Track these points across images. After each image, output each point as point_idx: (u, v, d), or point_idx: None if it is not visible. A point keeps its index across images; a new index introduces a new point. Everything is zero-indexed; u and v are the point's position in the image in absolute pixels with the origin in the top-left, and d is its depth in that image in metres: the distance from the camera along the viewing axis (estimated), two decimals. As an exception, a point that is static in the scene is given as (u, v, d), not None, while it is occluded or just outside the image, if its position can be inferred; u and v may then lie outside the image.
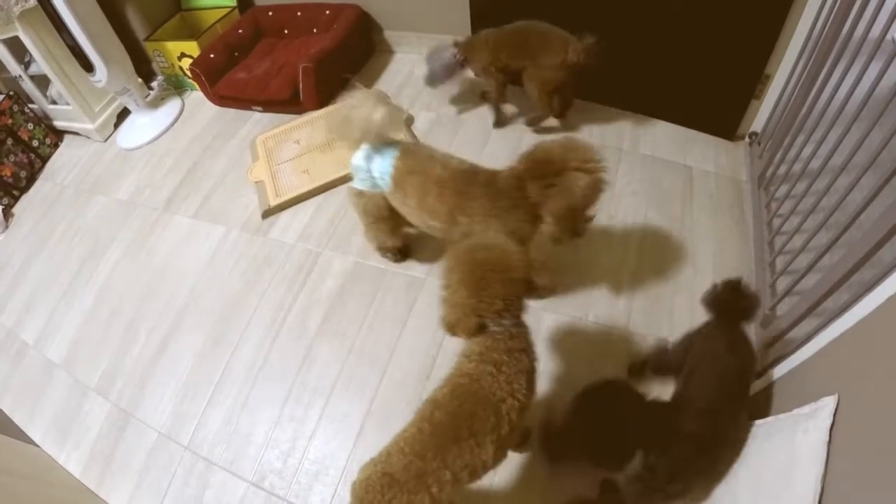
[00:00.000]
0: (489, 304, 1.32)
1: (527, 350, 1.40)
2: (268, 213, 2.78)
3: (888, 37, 1.41)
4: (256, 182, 2.94)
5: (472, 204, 1.67)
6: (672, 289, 2.14)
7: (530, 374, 1.39)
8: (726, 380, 1.42)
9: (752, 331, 1.88)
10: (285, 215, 2.76)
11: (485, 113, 2.96)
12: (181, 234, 2.89)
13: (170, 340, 2.46)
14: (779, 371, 1.45)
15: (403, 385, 2.09)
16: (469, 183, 1.69)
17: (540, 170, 1.60)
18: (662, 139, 2.64)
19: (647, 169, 2.54)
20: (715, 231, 2.27)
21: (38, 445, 2.33)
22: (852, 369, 1.08)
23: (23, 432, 2.38)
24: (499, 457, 1.35)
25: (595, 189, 1.59)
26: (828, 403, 1.07)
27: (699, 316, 1.98)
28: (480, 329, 1.36)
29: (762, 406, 1.53)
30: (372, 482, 1.26)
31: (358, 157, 1.85)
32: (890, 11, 1.39)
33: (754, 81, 2.34)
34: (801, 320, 1.52)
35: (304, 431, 2.06)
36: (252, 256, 2.64)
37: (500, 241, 1.41)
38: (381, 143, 1.82)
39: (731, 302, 1.53)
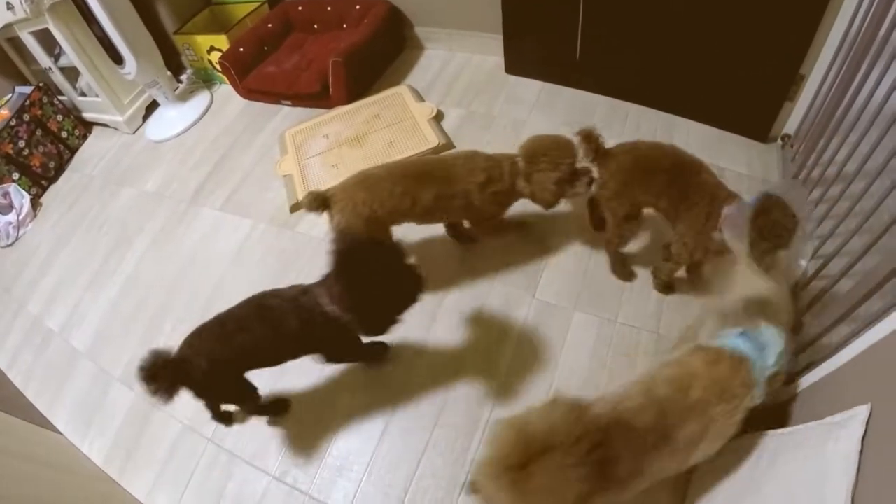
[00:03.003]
0: None
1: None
2: (296, 207, 2.76)
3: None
4: (285, 176, 2.92)
5: None
6: (703, 291, 2.09)
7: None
8: None
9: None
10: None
11: (514, 113, 2.94)
12: (208, 226, 2.89)
13: (195, 332, 2.44)
14: (810, 378, 1.40)
15: (430, 382, 2.06)
16: None
17: None
18: (694, 140, 2.58)
19: (680, 169, 2.49)
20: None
21: (61, 433, 2.33)
22: (886, 379, 1.05)
23: (46, 420, 2.38)
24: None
25: None
26: (860, 412, 1.04)
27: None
28: None
29: (793, 413, 1.49)
30: None
31: (743, 339, 1.38)
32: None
33: (788, 82, 2.28)
34: (834, 327, 1.47)
35: (328, 427, 2.03)
36: (279, 250, 2.62)
37: None
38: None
39: None
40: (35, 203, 3.49)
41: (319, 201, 1.97)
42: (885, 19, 1.61)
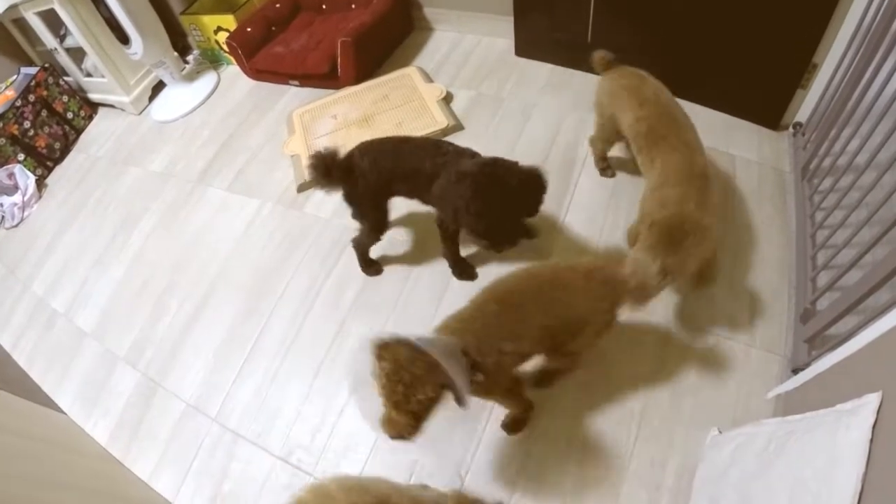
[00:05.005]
0: None
1: None
2: (303, 187, 2.73)
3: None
4: (292, 156, 2.90)
5: None
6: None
7: None
8: None
9: (793, 325, 1.83)
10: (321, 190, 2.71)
11: (524, 96, 2.91)
12: (215, 206, 2.87)
13: (201, 312, 2.43)
14: (819, 367, 1.39)
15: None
16: None
17: None
18: (705, 126, 2.50)
19: (689, 154, 2.46)
20: (756, 221, 2.18)
21: (65, 413, 2.31)
22: (896, 368, 1.05)
23: (51, 400, 2.37)
24: None
25: None
26: (871, 400, 1.03)
27: (741, 304, 1.94)
28: None
29: (802, 401, 1.48)
30: None
31: None
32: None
33: (801, 70, 2.25)
34: (842, 317, 1.49)
35: (334, 407, 2.01)
36: (286, 230, 2.60)
37: None
38: None
39: None
40: (40, 184, 3.47)
41: None
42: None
